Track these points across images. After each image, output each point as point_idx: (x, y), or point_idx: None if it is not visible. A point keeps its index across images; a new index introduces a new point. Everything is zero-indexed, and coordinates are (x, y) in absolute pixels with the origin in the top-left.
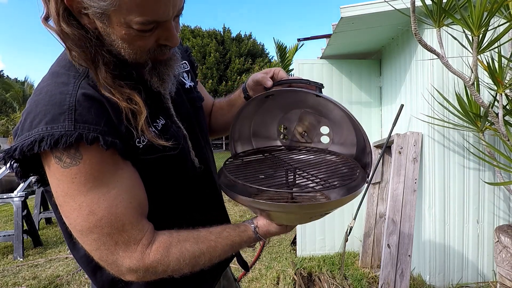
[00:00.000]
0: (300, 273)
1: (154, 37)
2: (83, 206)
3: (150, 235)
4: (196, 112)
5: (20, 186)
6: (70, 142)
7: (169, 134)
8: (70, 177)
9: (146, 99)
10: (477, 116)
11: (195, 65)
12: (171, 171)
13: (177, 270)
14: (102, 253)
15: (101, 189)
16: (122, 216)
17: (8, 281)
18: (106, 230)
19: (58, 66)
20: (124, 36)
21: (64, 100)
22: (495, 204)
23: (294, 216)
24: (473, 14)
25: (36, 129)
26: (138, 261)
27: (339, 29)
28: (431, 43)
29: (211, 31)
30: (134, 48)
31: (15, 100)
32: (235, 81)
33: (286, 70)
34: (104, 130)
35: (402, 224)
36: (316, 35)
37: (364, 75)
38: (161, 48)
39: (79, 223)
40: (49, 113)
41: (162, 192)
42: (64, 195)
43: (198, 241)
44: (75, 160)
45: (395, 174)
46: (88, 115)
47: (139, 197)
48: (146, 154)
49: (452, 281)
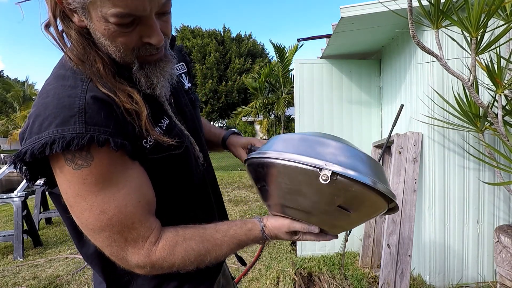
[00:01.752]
0: (300, 273)
1: (137, 34)
2: (95, 206)
3: (157, 232)
4: (196, 112)
5: (20, 186)
6: (82, 144)
7: (174, 134)
8: (82, 179)
9: (146, 100)
10: (477, 117)
11: (189, 64)
12: (177, 169)
13: (183, 267)
14: (113, 249)
15: (111, 189)
16: (132, 214)
17: (8, 281)
18: (117, 228)
19: (63, 69)
20: (104, 32)
21: (73, 103)
22: (495, 204)
23: None
24: (471, 15)
25: (46, 132)
26: (145, 257)
27: (339, 29)
28: (430, 44)
29: (211, 31)
30: (117, 46)
31: (15, 100)
32: (235, 81)
33: (286, 70)
34: (114, 132)
35: (402, 224)
36: (316, 35)
37: (364, 75)
38: (146, 47)
39: (91, 222)
40: (59, 116)
41: (169, 190)
42: (75, 195)
43: (204, 239)
44: (86, 162)
45: (395, 174)
46: (98, 117)
47: (147, 195)
48: (153, 154)
49: (452, 281)
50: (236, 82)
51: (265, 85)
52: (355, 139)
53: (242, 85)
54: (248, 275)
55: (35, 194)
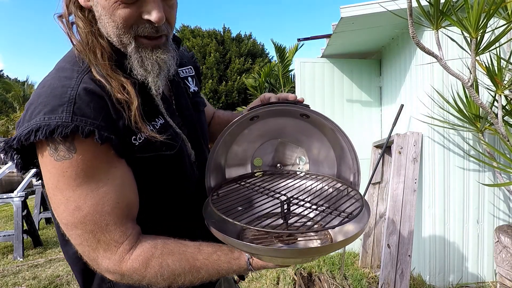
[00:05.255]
0: (300, 273)
1: (137, 9)
2: (70, 200)
3: (133, 240)
4: (199, 116)
5: (20, 186)
6: (66, 133)
7: (167, 134)
8: (62, 170)
9: (144, 97)
10: (477, 117)
11: (199, 70)
12: (167, 172)
13: (154, 283)
14: (84, 248)
15: (90, 186)
16: (107, 215)
17: (8, 281)
18: (90, 228)
19: (64, 62)
20: (105, 4)
21: (65, 93)
22: (495, 204)
23: (293, 260)
24: (471, 16)
25: (34, 119)
26: (115, 264)
27: (339, 29)
28: (430, 44)
29: (211, 31)
30: (116, 21)
31: (15, 100)
32: (235, 81)
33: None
34: (102, 125)
35: (402, 224)
36: (316, 35)
37: (364, 75)
38: (145, 26)
39: (65, 217)
40: (48, 104)
41: (156, 195)
42: (54, 188)
43: (183, 258)
44: (68, 153)
45: (395, 174)
46: (87, 109)
47: (128, 198)
48: (142, 152)
49: (452, 281)
50: (236, 82)
51: (265, 85)
52: (355, 139)
53: (242, 85)
54: (248, 275)
55: (35, 194)
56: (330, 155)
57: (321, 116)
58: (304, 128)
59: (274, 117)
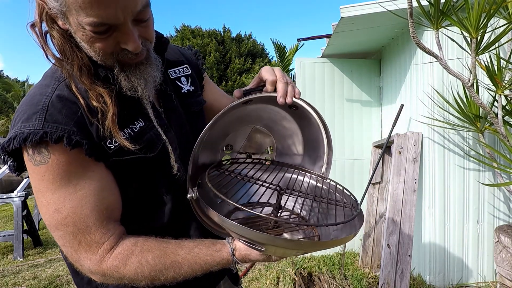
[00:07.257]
0: (300, 273)
1: (114, 40)
2: (50, 203)
3: (114, 240)
4: (191, 117)
5: (20, 186)
6: (36, 140)
7: (145, 138)
8: (40, 175)
9: (124, 101)
10: (477, 117)
11: (202, 68)
12: (147, 174)
13: (135, 281)
14: (67, 249)
15: (68, 189)
16: (86, 217)
17: (8, 281)
18: (70, 229)
19: (49, 70)
20: (83, 37)
21: (40, 101)
22: (495, 204)
23: (283, 250)
24: (471, 16)
25: (15, 128)
26: (95, 264)
27: (339, 29)
28: (430, 44)
29: (211, 31)
30: (96, 50)
31: (15, 100)
32: (235, 81)
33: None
34: (73, 130)
35: (402, 224)
36: (316, 35)
37: (364, 75)
38: (124, 53)
39: (47, 218)
40: (26, 113)
41: (142, 195)
42: (36, 191)
43: (164, 254)
44: (44, 158)
45: (395, 174)
46: (59, 116)
47: (107, 200)
48: (119, 155)
49: (452, 281)
50: (236, 82)
51: None
52: (355, 139)
53: (242, 85)
54: (248, 275)
55: None
56: (298, 146)
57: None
58: (283, 118)
59: (264, 103)
